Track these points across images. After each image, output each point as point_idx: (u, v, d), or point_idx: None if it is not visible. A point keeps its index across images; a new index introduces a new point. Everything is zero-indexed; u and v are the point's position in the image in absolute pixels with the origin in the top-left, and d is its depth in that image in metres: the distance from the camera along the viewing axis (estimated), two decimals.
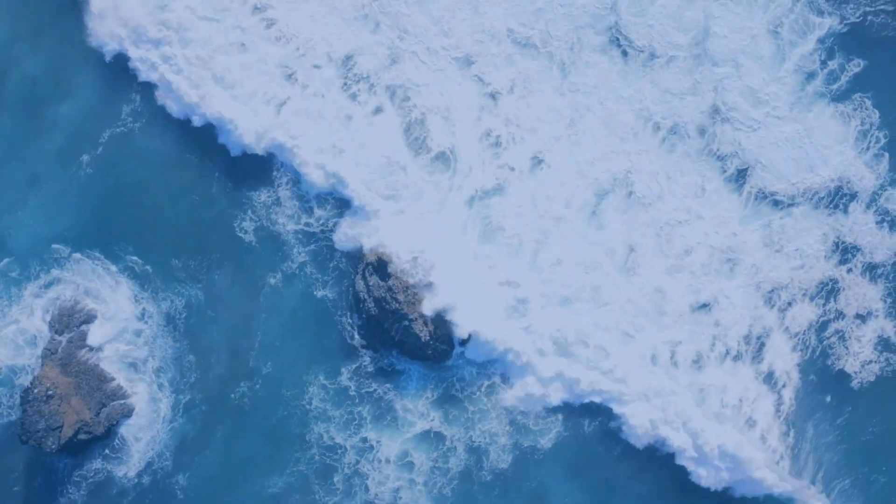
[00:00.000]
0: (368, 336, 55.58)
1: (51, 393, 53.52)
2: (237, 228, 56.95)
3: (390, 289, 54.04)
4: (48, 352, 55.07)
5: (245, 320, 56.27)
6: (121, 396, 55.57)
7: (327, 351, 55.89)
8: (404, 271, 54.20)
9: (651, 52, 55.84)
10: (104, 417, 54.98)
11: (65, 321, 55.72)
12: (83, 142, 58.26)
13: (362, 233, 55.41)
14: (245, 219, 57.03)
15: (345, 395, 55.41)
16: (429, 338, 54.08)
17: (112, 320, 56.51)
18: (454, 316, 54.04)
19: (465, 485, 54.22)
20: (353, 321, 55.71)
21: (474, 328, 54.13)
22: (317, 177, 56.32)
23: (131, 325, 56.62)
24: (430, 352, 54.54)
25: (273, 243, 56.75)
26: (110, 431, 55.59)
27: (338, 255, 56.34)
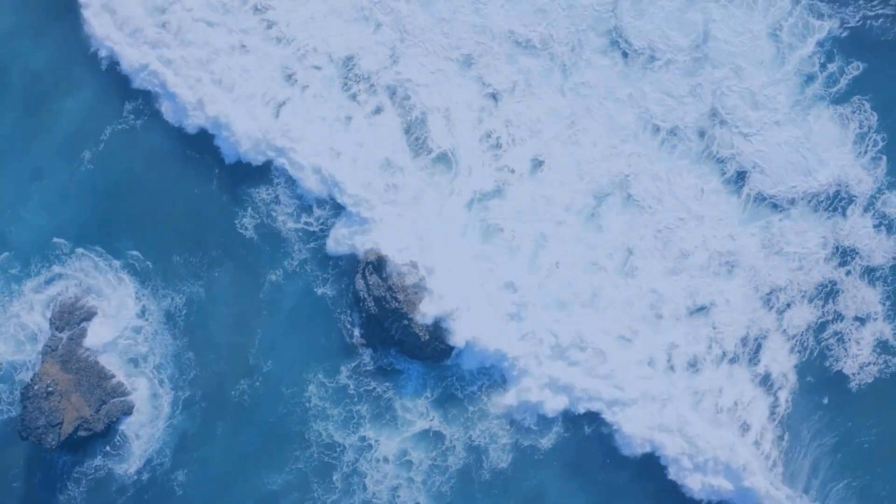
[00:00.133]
0: (368, 335, 55.56)
1: (51, 389, 53.53)
2: (238, 225, 56.90)
3: (390, 288, 54.07)
4: (49, 348, 55.03)
5: (245, 317, 56.21)
6: (121, 393, 55.55)
7: (327, 349, 55.85)
8: (403, 272, 54.29)
9: (651, 54, 55.94)
10: (104, 414, 54.96)
11: (65, 318, 55.67)
12: (85, 138, 58.11)
13: (358, 238, 55.36)
14: (245, 216, 56.96)
15: (343, 393, 55.40)
16: (428, 337, 54.15)
17: (112, 317, 56.40)
18: (450, 324, 54.01)
19: (463, 483, 54.27)
20: (353, 320, 55.72)
21: (472, 335, 54.02)
22: (313, 183, 56.25)
23: (132, 322, 56.47)
24: (429, 351, 54.55)
25: (273, 240, 56.68)
26: (110, 428, 55.50)
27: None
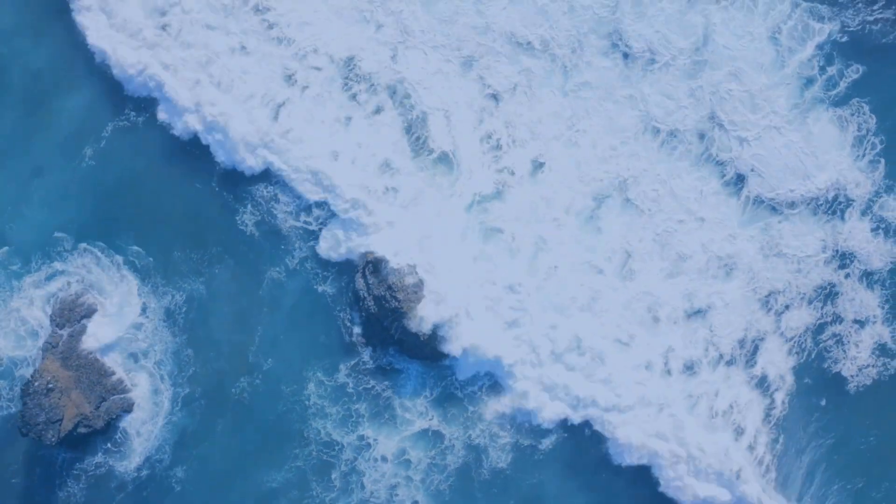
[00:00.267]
0: (368, 333, 55.60)
1: (51, 386, 53.59)
2: (238, 222, 56.94)
3: (390, 287, 54.06)
4: (49, 345, 55.07)
5: (245, 314, 56.26)
6: (121, 391, 55.59)
7: (326, 347, 55.91)
8: (403, 271, 54.35)
9: (651, 56, 56.00)
10: (104, 411, 55.03)
11: (66, 315, 55.70)
12: (86, 134, 58.16)
13: (354, 241, 55.40)
14: (246, 212, 57.02)
15: (342, 391, 55.45)
16: (428, 337, 54.25)
17: (113, 314, 56.45)
18: (447, 332, 54.07)
19: (462, 482, 54.38)
20: (353, 318, 55.76)
21: (469, 343, 54.04)
22: (309, 188, 56.28)
23: (132, 319, 56.50)
24: (428, 351, 54.56)
25: (274, 237, 56.72)
26: (110, 425, 55.58)
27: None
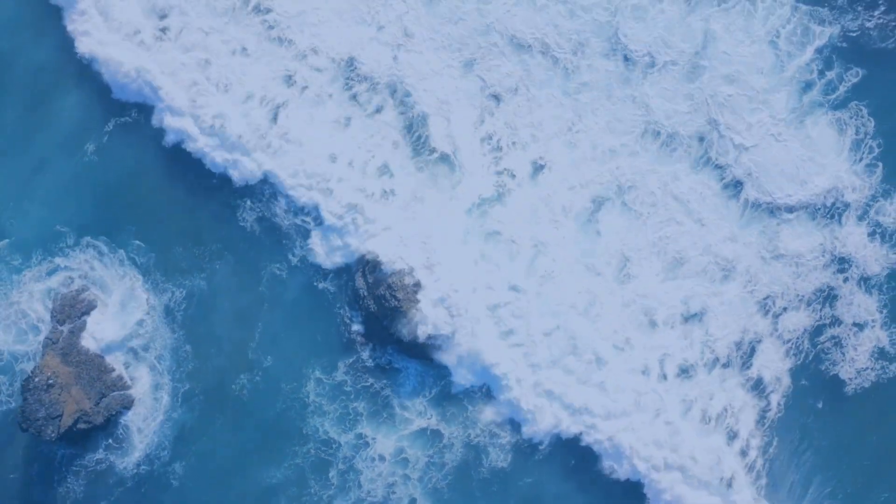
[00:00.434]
0: (367, 332, 55.66)
1: (51, 382, 53.66)
2: (239, 218, 57.01)
3: (390, 286, 54.15)
4: (49, 341, 55.12)
5: (245, 311, 56.31)
6: (121, 387, 55.67)
7: (325, 345, 55.95)
8: (403, 271, 54.45)
9: (651, 60, 56.06)
10: (104, 407, 55.09)
11: (66, 311, 55.75)
12: (88, 131, 58.21)
13: (352, 245, 55.55)
14: (246, 209, 57.10)
15: (340, 390, 55.50)
16: (427, 336, 54.35)
17: (113, 310, 56.53)
18: (442, 342, 54.22)
19: (460, 480, 54.49)
20: (352, 316, 55.83)
21: (465, 351, 54.16)
22: (303, 192, 56.43)
23: (133, 316, 56.59)
24: (428, 350, 54.73)
25: (274, 234, 56.78)
26: (110, 421, 55.66)
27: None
